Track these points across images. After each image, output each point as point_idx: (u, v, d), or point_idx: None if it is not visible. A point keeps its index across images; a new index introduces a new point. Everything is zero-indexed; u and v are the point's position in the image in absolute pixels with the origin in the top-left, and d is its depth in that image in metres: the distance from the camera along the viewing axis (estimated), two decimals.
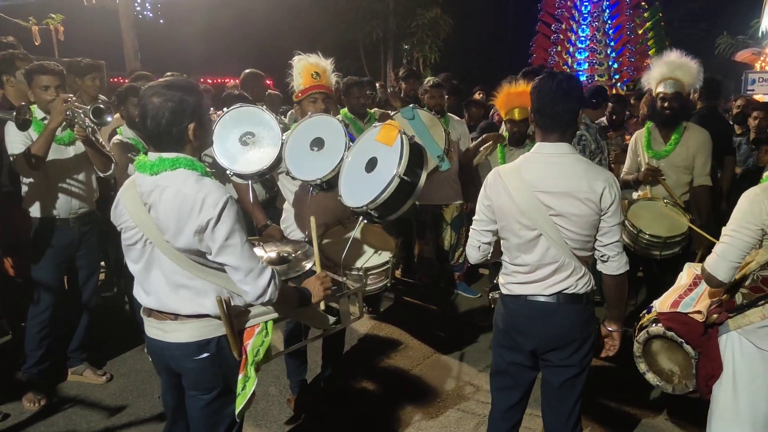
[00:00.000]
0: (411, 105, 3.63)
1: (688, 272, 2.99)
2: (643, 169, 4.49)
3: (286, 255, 2.84)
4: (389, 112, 5.09)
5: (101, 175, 3.97)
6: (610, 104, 6.31)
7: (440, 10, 19.92)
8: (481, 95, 8.01)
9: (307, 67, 3.48)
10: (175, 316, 2.23)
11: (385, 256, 3.23)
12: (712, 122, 5.28)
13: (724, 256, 2.45)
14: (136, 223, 2.18)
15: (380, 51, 21.06)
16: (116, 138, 4.19)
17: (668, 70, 4.30)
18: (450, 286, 6.11)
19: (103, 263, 5.24)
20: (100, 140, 3.93)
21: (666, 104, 4.30)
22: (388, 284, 3.26)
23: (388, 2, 19.96)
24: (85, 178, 3.98)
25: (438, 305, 5.79)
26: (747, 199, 2.44)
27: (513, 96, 4.56)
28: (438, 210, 5.66)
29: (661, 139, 4.48)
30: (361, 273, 3.06)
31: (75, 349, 4.22)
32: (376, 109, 5.90)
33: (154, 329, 2.30)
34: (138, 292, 2.32)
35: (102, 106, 3.62)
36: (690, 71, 4.31)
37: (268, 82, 7.42)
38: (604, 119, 6.20)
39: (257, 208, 3.69)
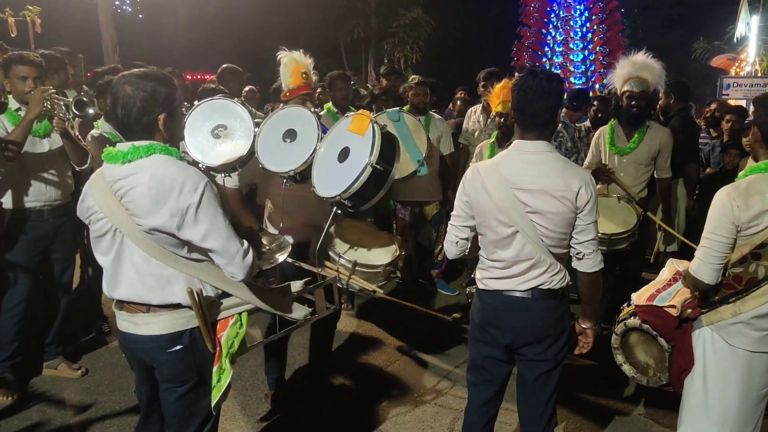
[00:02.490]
0: (397, 108, 3.65)
1: (670, 268, 3.02)
2: (597, 166, 4.61)
3: None
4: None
5: (77, 168, 3.92)
6: (595, 102, 6.42)
7: (422, 10, 19.98)
8: (463, 94, 8.05)
9: (297, 67, 3.50)
10: (147, 308, 2.22)
11: (382, 259, 3.19)
12: (689, 126, 5.39)
13: (706, 259, 2.47)
14: (105, 214, 2.16)
15: (361, 50, 21.06)
16: (93, 132, 4.15)
17: (634, 70, 4.45)
18: (429, 284, 6.14)
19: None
20: (77, 134, 3.89)
21: (633, 102, 4.46)
22: (375, 292, 3.14)
23: (370, 2, 19.99)
24: (60, 170, 3.93)
25: (416, 302, 5.81)
26: (719, 199, 2.48)
27: (505, 90, 4.57)
28: (418, 208, 5.68)
29: (624, 137, 4.63)
30: (350, 264, 3.05)
31: (50, 342, 4.16)
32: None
33: (125, 322, 2.28)
34: (106, 286, 2.29)
35: (85, 98, 3.57)
36: (654, 72, 4.47)
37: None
38: (588, 122, 6.29)
39: (245, 212, 3.62)
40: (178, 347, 2.23)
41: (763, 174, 2.44)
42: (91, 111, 3.56)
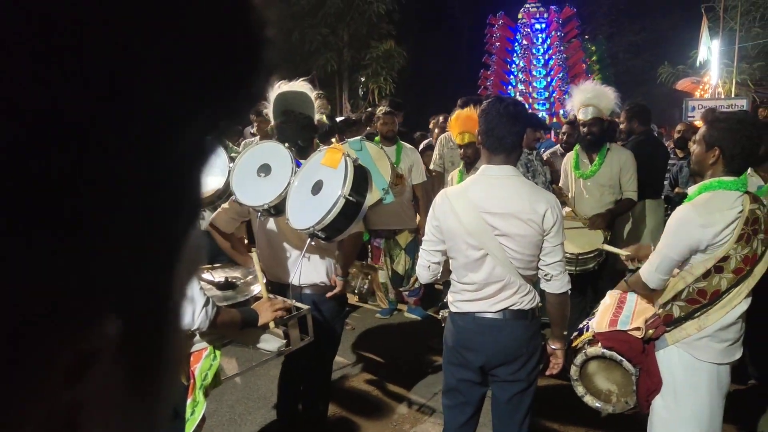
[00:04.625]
0: (359, 137, 3.71)
1: (611, 295, 3.04)
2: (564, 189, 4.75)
3: (234, 280, 2.84)
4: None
5: None
6: (565, 126, 6.56)
7: (394, 42, 20.29)
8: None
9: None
10: None
11: None
12: (649, 146, 5.50)
13: (657, 270, 2.59)
14: None
15: (335, 82, 21.26)
16: None
17: (585, 98, 4.59)
18: (405, 311, 6.15)
19: None
20: None
21: (586, 129, 4.61)
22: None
23: (342, 35, 20.24)
24: None
25: (393, 330, 5.81)
26: (680, 217, 2.58)
27: (460, 120, 4.62)
28: (392, 235, 5.72)
29: (587, 160, 4.74)
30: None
31: None
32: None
33: None
34: None
35: None
36: (606, 98, 4.61)
37: None
38: (558, 146, 6.42)
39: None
40: None
41: (714, 192, 2.54)
42: None
